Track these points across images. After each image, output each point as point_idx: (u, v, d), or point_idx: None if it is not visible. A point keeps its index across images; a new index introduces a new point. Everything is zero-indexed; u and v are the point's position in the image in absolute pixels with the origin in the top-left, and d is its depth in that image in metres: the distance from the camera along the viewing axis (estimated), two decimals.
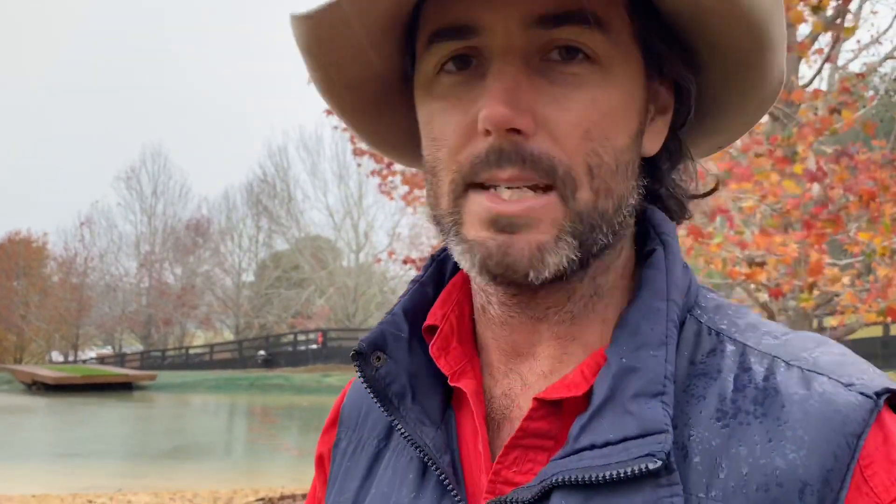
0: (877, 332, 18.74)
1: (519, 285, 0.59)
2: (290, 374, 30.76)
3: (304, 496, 8.95)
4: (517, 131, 0.56)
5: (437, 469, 0.63)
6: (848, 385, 0.54)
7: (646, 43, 0.60)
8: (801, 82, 6.99)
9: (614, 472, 0.53)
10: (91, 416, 21.37)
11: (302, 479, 10.87)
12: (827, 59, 7.23)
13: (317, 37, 0.60)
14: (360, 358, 0.67)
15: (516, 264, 0.57)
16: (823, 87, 7.93)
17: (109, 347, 46.61)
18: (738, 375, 0.57)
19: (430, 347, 0.67)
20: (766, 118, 6.92)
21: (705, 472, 0.54)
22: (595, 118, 0.57)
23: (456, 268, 0.72)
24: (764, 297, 6.92)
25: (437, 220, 0.63)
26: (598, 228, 0.59)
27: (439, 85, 0.61)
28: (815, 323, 7.13)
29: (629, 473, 0.53)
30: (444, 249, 0.73)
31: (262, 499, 8.84)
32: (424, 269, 0.74)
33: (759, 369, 0.57)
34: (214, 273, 43.40)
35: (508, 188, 0.57)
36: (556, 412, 0.60)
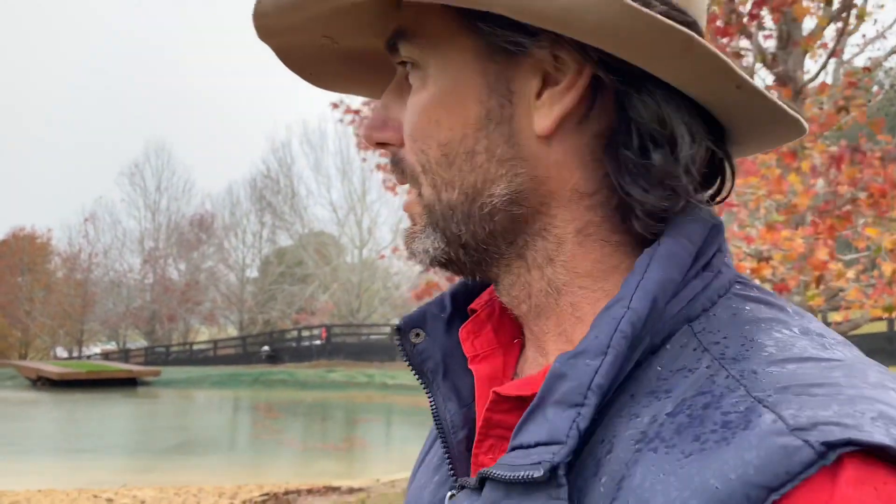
0: (882, 327, 18.71)
1: (461, 274, 0.67)
2: (294, 370, 30.83)
3: (309, 491, 8.97)
4: (391, 144, 0.66)
5: (444, 443, 0.67)
6: (797, 428, 0.44)
7: (475, 26, 0.58)
8: (805, 77, 6.97)
9: (512, 475, 0.52)
10: (95, 411, 21.44)
11: (306, 473, 10.90)
12: (832, 54, 7.21)
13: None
14: (400, 334, 0.71)
15: (407, 250, 0.67)
16: (829, 81, 7.90)
17: (114, 343, 46.74)
18: (685, 399, 0.51)
19: (460, 329, 0.70)
20: None
21: (604, 495, 0.50)
22: (413, 119, 0.62)
23: None
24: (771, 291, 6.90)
25: None
26: (451, 219, 0.62)
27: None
28: (819, 318, 7.11)
29: (520, 478, 0.51)
30: None
31: (266, 494, 8.86)
32: None
33: (710, 396, 0.50)
34: (218, 269, 43.52)
35: None
36: (524, 407, 0.57)
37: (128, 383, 29.11)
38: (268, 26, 0.64)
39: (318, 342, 34.72)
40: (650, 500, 0.47)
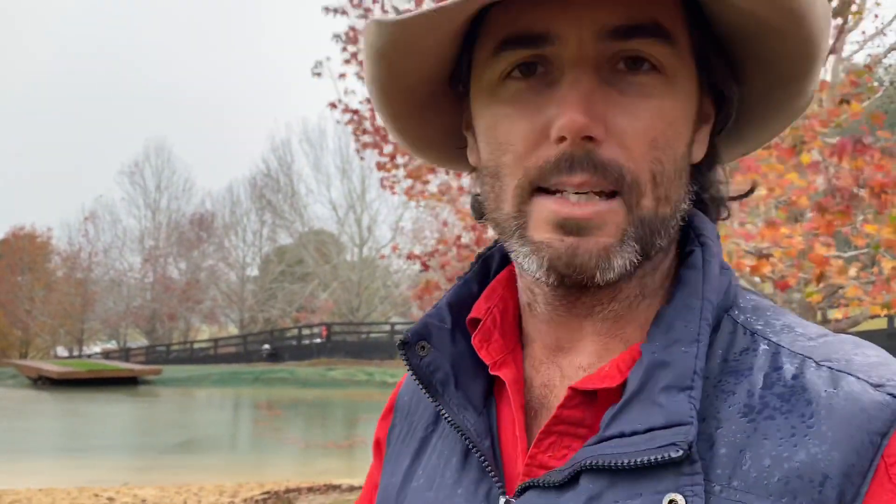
0: (882, 324, 18.71)
1: (582, 286, 0.62)
2: (294, 368, 30.84)
3: (310, 490, 8.98)
4: (590, 139, 0.58)
5: (477, 452, 0.66)
6: (877, 385, 0.55)
7: (701, 55, 0.63)
8: None
9: (639, 459, 0.56)
10: (96, 410, 21.45)
11: (307, 472, 10.91)
12: (831, 51, 7.20)
13: (397, 43, 0.63)
14: (406, 347, 0.71)
15: (584, 265, 0.60)
16: (828, 78, 7.90)
17: (114, 342, 46.75)
18: (768, 373, 0.59)
19: (472, 338, 0.71)
20: None
21: (729, 463, 0.56)
22: (661, 127, 0.60)
23: (500, 266, 0.77)
24: (768, 288, 6.92)
25: (497, 223, 0.66)
26: (657, 233, 0.62)
27: (505, 90, 0.63)
28: (819, 315, 7.12)
29: (652, 461, 0.55)
30: (490, 248, 0.78)
31: (267, 492, 8.87)
32: (471, 266, 0.78)
33: (789, 368, 0.58)
34: (219, 267, 43.49)
35: (576, 193, 0.60)
36: (591, 402, 0.63)
37: (128, 382, 29.10)
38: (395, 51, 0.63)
39: (318, 340, 34.73)
40: (791, 458, 0.54)
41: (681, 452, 0.55)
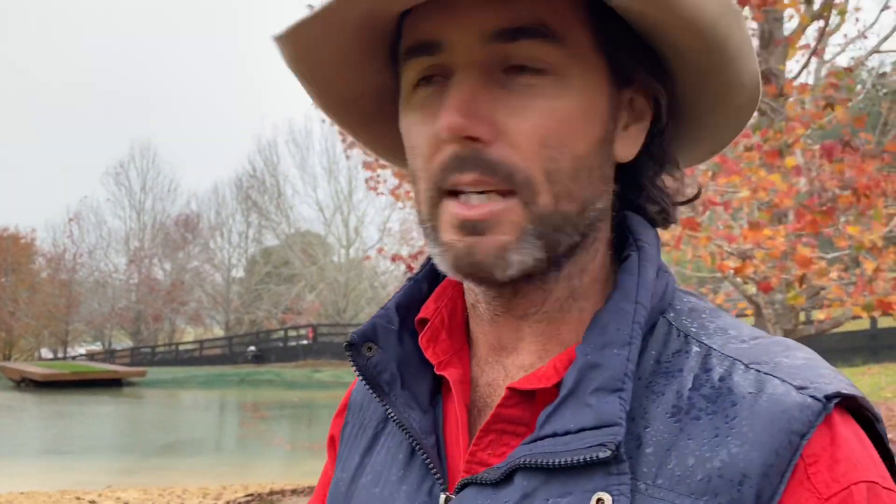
0: (864, 325, 18.85)
1: (493, 284, 0.64)
2: (280, 370, 30.74)
3: (294, 492, 8.96)
4: (476, 139, 0.60)
5: (421, 450, 0.68)
6: (800, 388, 0.57)
7: (609, 53, 0.63)
8: (787, 76, 7.01)
9: (570, 458, 0.58)
10: (80, 412, 21.30)
11: (292, 474, 10.87)
12: (814, 53, 7.26)
13: (295, 55, 0.65)
14: (353, 349, 0.73)
15: (482, 263, 0.62)
16: (810, 81, 7.96)
17: (99, 344, 46.43)
18: (697, 375, 0.60)
19: (419, 338, 0.72)
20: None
21: (656, 462, 0.58)
22: (552, 126, 0.60)
23: None
24: (751, 290, 6.96)
25: (420, 225, 0.68)
26: (561, 230, 0.63)
27: (415, 97, 0.65)
28: (802, 316, 7.18)
29: (581, 461, 0.57)
30: None
31: (251, 494, 8.84)
32: (421, 267, 0.79)
33: (718, 370, 0.60)
34: (204, 269, 43.31)
35: (477, 194, 0.61)
36: (529, 402, 0.64)
37: (113, 384, 28.92)
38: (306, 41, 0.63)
39: (304, 342, 34.63)
40: (712, 458, 0.56)
41: (608, 453, 0.56)
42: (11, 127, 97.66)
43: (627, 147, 0.67)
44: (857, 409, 0.59)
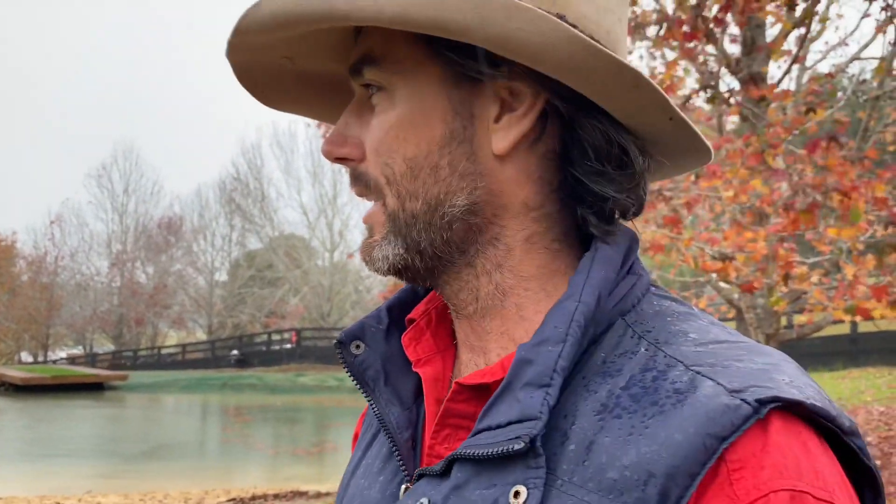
0: (845, 329, 19.01)
1: (396, 277, 0.72)
2: (263, 374, 30.61)
3: (276, 496, 8.91)
4: (351, 159, 0.71)
5: (393, 443, 0.72)
6: (733, 391, 0.55)
7: (443, 58, 0.66)
8: (769, 82, 7.07)
9: (491, 451, 0.60)
10: (61, 417, 21.11)
11: (275, 478, 10.82)
12: (795, 60, 7.32)
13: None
14: (342, 346, 0.76)
15: (365, 260, 0.72)
16: (792, 86, 8.03)
17: (80, 347, 46.02)
18: (634, 375, 0.60)
19: (402, 337, 0.76)
20: (735, 118, 6.99)
21: (575, 458, 0.58)
22: (379, 136, 0.68)
23: None
24: (733, 294, 7.00)
25: None
26: (413, 227, 0.68)
27: None
28: (783, 320, 7.23)
29: (499, 452, 0.59)
30: None
31: (233, 499, 8.79)
32: None
33: (654, 371, 0.60)
34: (187, 272, 43.09)
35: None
36: (481, 397, 0.67)
37: (94, 388, 28.69)
38: (242, 43, 0.68)
39: (288, 346, 34.51)
40: (622, 457, 0.56)
41: (522, 445, 0.58)
42: None
43: (500, 139, 0.66)
44: (814, 419, 0.57)
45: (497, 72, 0.65)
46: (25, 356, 45.31)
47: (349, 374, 0.76)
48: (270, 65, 0.74)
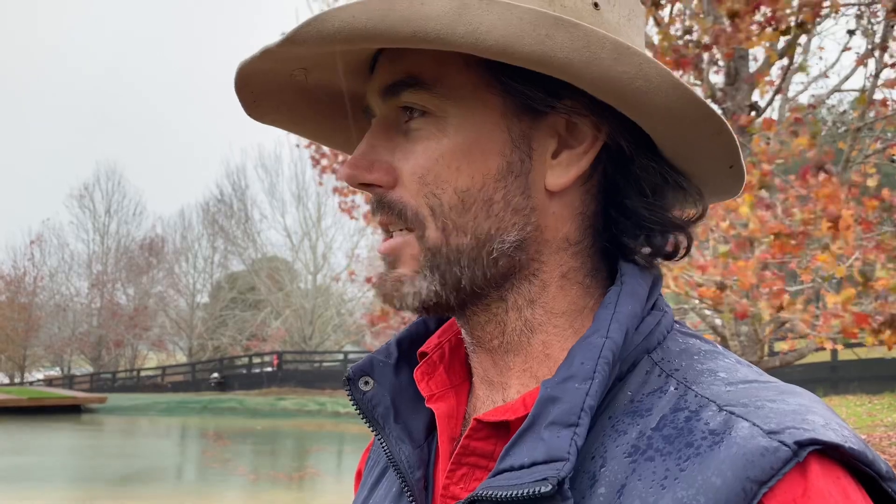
0: (825, 357, 19.14)
1: (414, 311, 0.68)
2: (244, 398, 30.29)
3: None
4: (377, 185, 0.66)
5: (403, 483, 0.69)
6: (770, 432, 0.53)
7: (505, 88, 0.64)
8: (752, 113, 7.18)
9: (515, 493, 0.57)
10: (37, 439, 20.77)
11: (255, 503, 10.68)
12: (778, 91, 7.44)
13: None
14: (350, 383, 0.74)
15: (387, 294, 0.67)
16: (774, 116, 8.16)
17: (58, 369, 45.40)
18: (665, 415, 0.58)
19: (414, 372, 0.74)
20: None
21: (605, 502, 0.56)
22: (427, 165, 0.64)
23: None
24: (716, 321, 7.05)
25: None
26: (457, 263, 0.65)
27: None
28: (765, 349, 7.28)
29: (525, 495, 0.56)
30: None
31: None
32: None
33: (687, 411, 0.58)
34: (168, 294, 42.69)
35: (398, 231, 0.67)
36: (501, 435, 0.65)
37: (72, 410, 28.25)
38: (283, 53, 0.63)
39: (269, 369, 34.20)
40: (658, 501, 0.53)
41: (549, 487, 0.55)
42: None
43: (558, 175, 0.65)
44: (851, 463, 0.55)
45: (560, 105, 0.63)
46: (1, 377, 44.64)
47: (357, 411, 0.73)
48: (276, 76, 0.69)
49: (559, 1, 0.63)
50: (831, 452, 0.54)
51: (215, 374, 35.01)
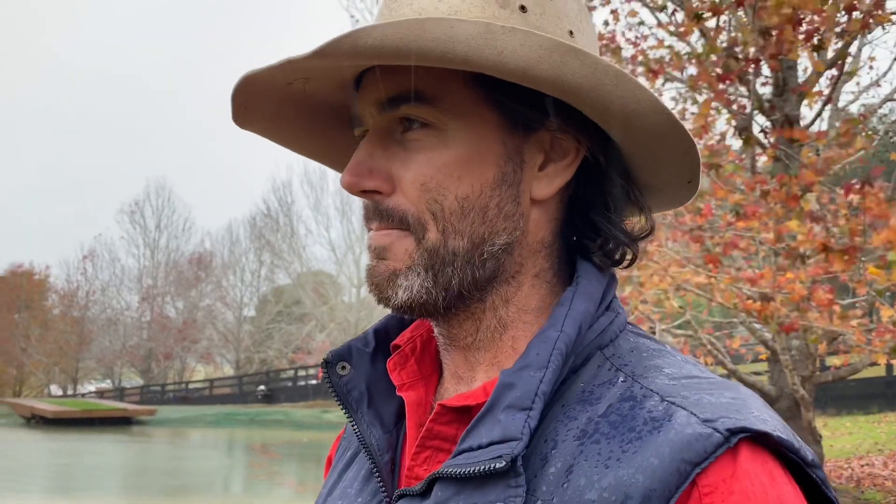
0: (880, 372, 18.63)
1: (398, 310, 0.72)
2: (289, 410, 30.56)
3: None
4: (377, 192, 0.70)
5: (373, 465, 0.74)
6: (706, 420, 0.59)
7: (500, 105, 0.70)
8: (802, 123, 7.07)
9: (472, 469, 0.62)
10: (90, 450, 21.21)
11: None
12: (828, 101, 7.32)
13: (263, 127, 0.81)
14: (328, 366, 0.79)
15: (379, 285, 0.71)
16: (824, 127, 8.01)
17: (109, 381, 46.34)
18: (612, 404, 0.64)
19: (387, 362, 0.79)
20: (765, 158, 6.99)
21: (555, 481, 0.61)
22: (430, 172, 0.69)
23: None
24: (766, 335, 6.93)
25: None
26: (451, 264, 0.70)
27: None
28: (817, 363, 7.13)
29: (481, 471, 0.61)
30: None
31: None
32: None
33: (633, 401, 0.63)
34: (216, 307, 43.35)
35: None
36: (463, 420, 0.69)
37: (122, 422, 28.80)
38: (312, 66, 0.67)
39: (314, 382, 34.47)
40: (601, 479, 0.59)
41: (504, 464, 0.60)
42: (27, 163, 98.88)
43: (544, 186, 0.72)
44: (779, 450, 0.60)
45: (549, 122, 0.70)
46: (55, 389, 45.68)
47: (333, 394, 0.77)
48: (271, 84, 0.72)
49: (543, 27, 0.70)
50: (761, 440, 0.60)
51: (262, 387, 35.40)
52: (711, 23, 6.60)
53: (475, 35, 0.61)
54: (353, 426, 0.77)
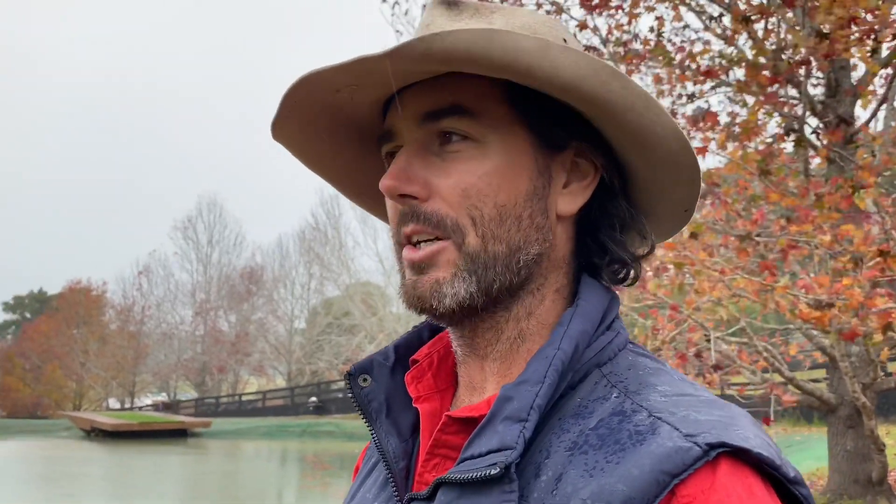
0: None
1: (440, 317, 0.76)
2: (340, 421, 30.79)
3: None
4: (413, 197, 0.74)
5: (389, 472, 0.78)
6: (688, 435, 0.62)
7: (531, 124, 0.75)
8: (857, 124, 6.91)
9: (471, 475, 0.66)
10: (147, 462, 21.64)
11: None
12: (883, 101, 7.15)
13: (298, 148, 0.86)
14: (351, 378, 0.83)
15: (423, 296, 0.74)
16: (879, 127, 7.82)
17: (164, 394, 47.25)
18: (603, 418, 0.67)
19: (405, 376, 0.83)
20: (818, 160, 6.85)
21: (545, 489, 0.65)
22: (471, 181, 0.73)
23: None
24: (824, 342, 6.77)
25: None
26: (492, 267, 0.74)
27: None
28: (878, 370, 6.94)
29: (480, 477, 0.65)
30: None
31: None
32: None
33: (622, 416, 0.67)
34: (267, 320, 43.90)
35: (424, 242, 0.75)
36: (467, 430, 0.73)
37: (179, 434, 29.35)
38: (379, 70, 0.69)
39: None
40: (585, 488, 0.62)
41: (497, 470, 0.64)
42: (84, 182, 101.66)
43: (568, 203, 0.77)
44: (761, 467, 0.62)
45: (573, 143, 0.76)
46: (113, 402, 46.73)
47: (355, 404, 0.82)
48: (322, 89, 0.75)
49: (555, 35, 0.77)
50: (741, 455, 0.62)
51: (313, 398, 35.73)
52: (759, 25, 6.51)
53: (537, 49, 0.67)
54: (372, 434, 0.81)
